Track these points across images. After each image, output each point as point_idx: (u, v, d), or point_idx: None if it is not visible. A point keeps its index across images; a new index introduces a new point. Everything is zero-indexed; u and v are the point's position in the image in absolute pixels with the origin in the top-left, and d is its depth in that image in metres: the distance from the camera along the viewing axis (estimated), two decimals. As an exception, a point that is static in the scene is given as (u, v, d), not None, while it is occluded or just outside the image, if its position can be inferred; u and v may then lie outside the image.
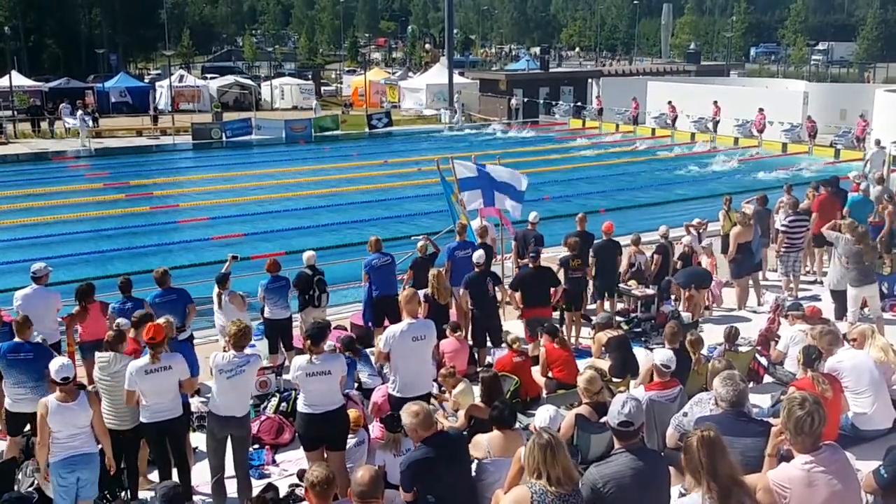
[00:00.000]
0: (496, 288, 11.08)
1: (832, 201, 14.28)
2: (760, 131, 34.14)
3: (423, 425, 5.86)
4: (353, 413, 7.52)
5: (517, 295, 11.06)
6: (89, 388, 7.68)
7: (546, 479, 4.61)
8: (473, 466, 6.42)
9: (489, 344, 10.92)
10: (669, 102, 38.30)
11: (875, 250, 11.48)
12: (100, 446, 6.98)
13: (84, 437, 6.74)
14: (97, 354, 7.65)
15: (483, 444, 6.47)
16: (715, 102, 36.50)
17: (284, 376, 9.90)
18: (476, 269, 10.94)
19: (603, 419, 6.62)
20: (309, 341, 7.17)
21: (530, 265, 11.16)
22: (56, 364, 6.75)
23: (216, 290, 10.80)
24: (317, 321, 8.28)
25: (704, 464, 4.36)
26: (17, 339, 8.34)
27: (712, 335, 10.12)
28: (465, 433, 7.35)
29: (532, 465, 4.69)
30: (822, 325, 8.68)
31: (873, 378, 7.41)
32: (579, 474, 4.96)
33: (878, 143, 22.98)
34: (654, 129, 38.46)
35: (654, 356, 7.44)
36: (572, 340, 11.42)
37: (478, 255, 11.14)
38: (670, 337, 8.37)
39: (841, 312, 11.18)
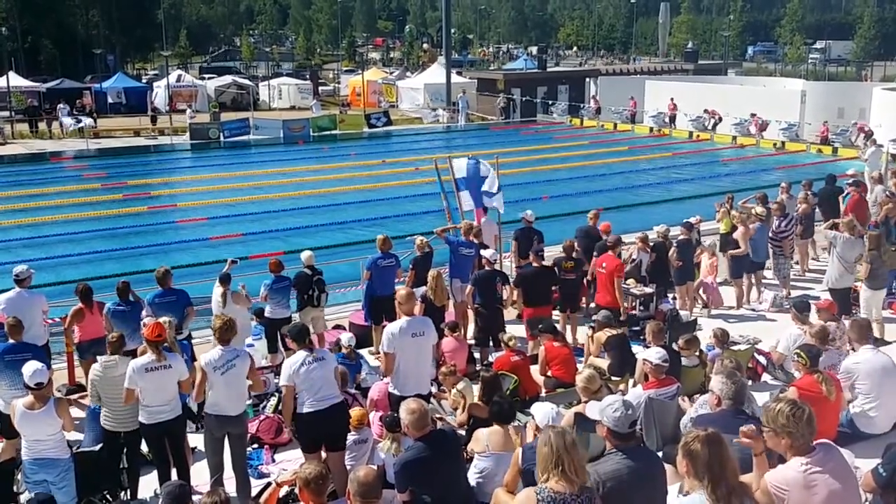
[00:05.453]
0: (503, 287, 11.10)
1: (862, 202, 14.46)
2: (762, 130, 34.20)
3: (415, 424, 5.86)
4: (357, 412, 7.53)
5: (518, 293, 11.07)
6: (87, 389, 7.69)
7: (569, 469, 4.47)
8: (473, 462, 6.42)
9: (491, 344, 10.88)
10: (672, 99, 38.36)
11: (887, 252, 11.53)
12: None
13: (51, 443, 6.77)
14: (102, 357, 7.66)
15: (482, 439, 6.48)
16: (706, 109, 36.70)
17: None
18: (487, 267, 10.96)
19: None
20: (295, 343, 7.18)
21: (534, 264, 11.16)
22: (30, 369, 6.76)
23: (220, 289, 10.77)
24: (294, 323, 8.27)
25: (714, 464, 4.30)
26: (11, 341, 8.37)
27: (710, 333, 10.11)
28: (463, 432, 7.37)
29: (551, 454, 4.50)
30: (820, 325, 8.67)
31: (885, 382, 7.30)
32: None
33: (874, 141, 22.97)
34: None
35: (646, 355, 7.42)
36: (568, 339, 11.42)
37: (490, 254, 11.17)
38: (656, 334, 8.36)
39: (840, 311, 11.19)
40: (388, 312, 10.99)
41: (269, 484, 7.52)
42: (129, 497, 7.51)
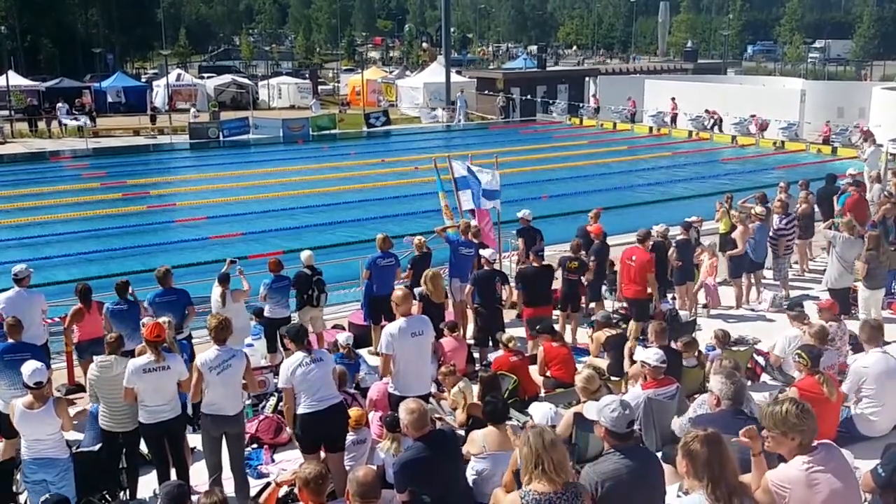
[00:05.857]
0: (503, 287, 11.09)
1: (862, 202, 14.46)
2: (763, 129, 34.20)
3: (415, 424, 5.86)
4: (356, 412, 7.53)
5: (518, 293, 11.07)
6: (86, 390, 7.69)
7: (548, 468, 4.47)
8: (470, 464, 6.42)
9: (490, 344, 10.88)
10: (673, 99, 38.36)
11: (886, 252, 11.52)
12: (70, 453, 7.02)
13: (51, 442, 6.78)
14: (98, 358, 7.65)
15: (478, 440, 6.48)
16: (706, 109, 36.66)
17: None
18: (486, 267, 10.96)
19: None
20: (293, 343, 7.17)
21: (534, 263, 11.16)
22: (29, 368, 6.76)
23: (220, 288, 10.77)
24: (292, 324, 8.26)
25: (714, 464, 4.31)
26: (11, 340, 8.37)
27: (710, 334, 10.11)
28: (463, 432, 7.36)
29: (530, 454, 4.51)
30: (820, 325, 8.67)
31: (888, 386, 7.27)
32: (576, 473, 4.94)
33: (873, 141, 22.94)
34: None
35: (644, 357, 7.41)
36: (568, 339, 11.42)
37: (489, 254, 11.17)
38: (659, 334, 8.35)
39: (840, 311, 11.19)
40: (388, 312, 10.97)
41: (268, 484, 7.53)
42: (128, 497, 7.52)
